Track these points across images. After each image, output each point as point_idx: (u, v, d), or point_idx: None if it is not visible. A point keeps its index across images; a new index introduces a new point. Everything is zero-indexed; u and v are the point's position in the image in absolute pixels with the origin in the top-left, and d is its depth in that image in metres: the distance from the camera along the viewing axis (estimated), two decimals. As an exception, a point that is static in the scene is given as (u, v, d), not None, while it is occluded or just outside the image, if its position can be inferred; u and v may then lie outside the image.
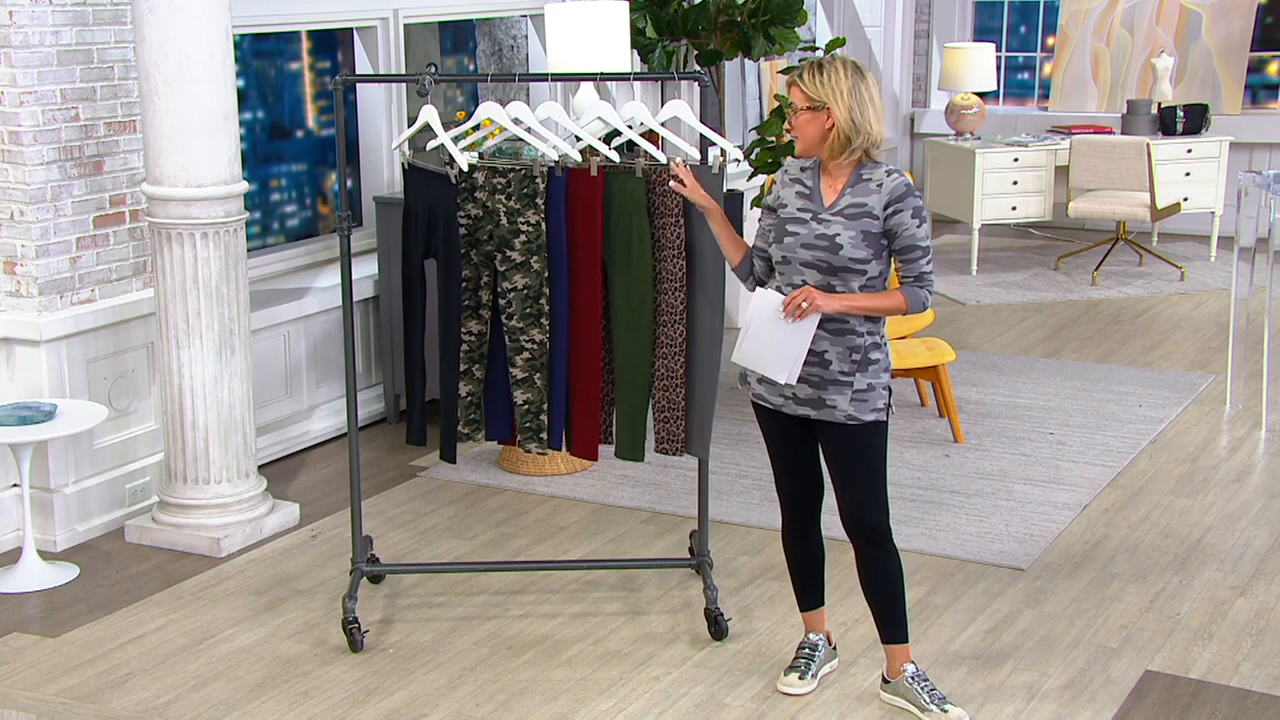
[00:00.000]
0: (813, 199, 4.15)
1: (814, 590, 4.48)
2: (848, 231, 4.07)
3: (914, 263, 4.10)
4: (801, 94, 4.09)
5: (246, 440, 5.60)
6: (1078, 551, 5.44)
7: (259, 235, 7.31)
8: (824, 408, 4.13)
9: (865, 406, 4.12)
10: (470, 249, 4.73)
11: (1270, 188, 6.79)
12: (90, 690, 4.49)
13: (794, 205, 4.17)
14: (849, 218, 4.08)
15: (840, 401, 4.11)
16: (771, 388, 4.21)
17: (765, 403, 4.25)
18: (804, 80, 4.09)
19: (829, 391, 4.12)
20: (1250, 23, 10.87)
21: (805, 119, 4.10)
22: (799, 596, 4.50)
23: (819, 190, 4.16)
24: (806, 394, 4.15)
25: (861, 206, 4.09)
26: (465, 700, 4.40)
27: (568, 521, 5.79)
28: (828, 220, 4.10)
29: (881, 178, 4.10)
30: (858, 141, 4.07)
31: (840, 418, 4.12)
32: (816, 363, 4.12)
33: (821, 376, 4.12)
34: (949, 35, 11.77)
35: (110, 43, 5.55)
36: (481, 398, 4.86)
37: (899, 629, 4.30)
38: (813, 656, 4.48)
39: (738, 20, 7.75)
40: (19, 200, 5.38)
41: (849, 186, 4.12)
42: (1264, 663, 4.59)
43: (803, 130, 4.11)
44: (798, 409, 4.17)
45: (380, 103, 7.20)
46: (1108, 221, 10.70)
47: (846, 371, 4.11)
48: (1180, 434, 6.75)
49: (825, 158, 4.14)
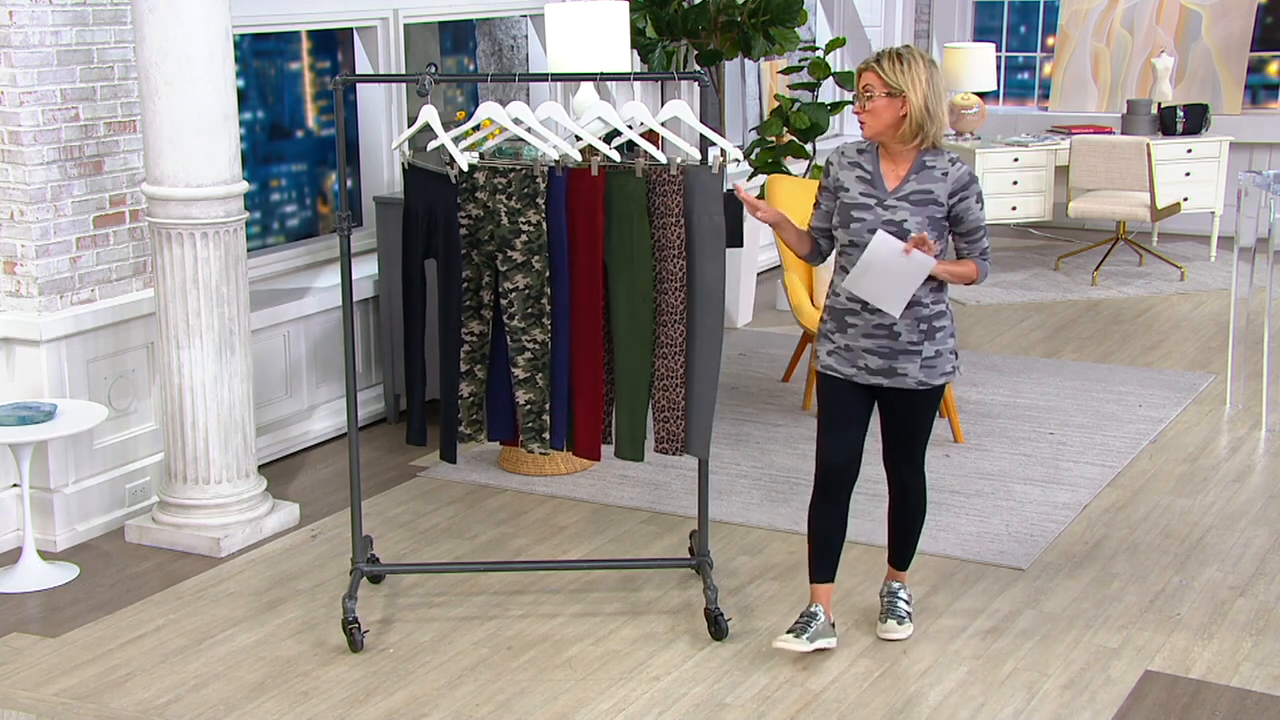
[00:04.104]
0: (874, 184, 4.38)
1: (827, 565, 4.65)
2: (915, 217, 4.33)
3: (978, 241, 4.44)
4: (881, 80, 4.31)
5: (246, 440, 5.60)
6: (1078, 551, 5.44)
7: (259, 235, 7.31)
8: (896, 376, 4.43)
9: (934, 372, 4.45)
10: (471, 249, 4.73)
11: (1270, 188, 6.79)
12: (90, 690, 4.49)
13: (856, 190, 4.40)
14: (915, 204, 4.34)
15: (911, 369, 4.42)
16: (844, 359, 4.47)
17: (835, 373, 4.50)
18: (884, 68, 4.31)
19: (899, 361, 4.41)
20: (1250, 23, 10.87)
21: (882, 105, 4.31)
22: (812, 568, 4.66)
23: (879, 175, 4.39)
24: (878, 365, 4.43)
25: (928, 194, 4.34)
26: (465, 700, 4.40)
27: (568, 521, 5.79)
28: (894, 206, 4.34)
29: (946, 166, 4.36)
30: (930, 130, 4.32)
31: (911, 384, 4.44)
32: (885, 335, 4.40)
33: (891, 347, 4.41)
34: (949, 35, 11.77)
35: (110, 43, 5.55)
36: (483, 398, 4.86)
37: (906, 558, 4.77)
38: (809, 624, 4.61)
39: (738, 20, 7.75)
40: (19, 200, 5.38)
41: (913, 173, 4.36)
42: (1264, 663, 4.59)
43: (878, 115, 4.33)
44: (870, 379, 4.46)
45: (380, 103, 7.20)
46: (1108, 221, 10.70)
47: (915, 341, 4.40)
48: (1180, 434, 6.75)
49: (894, 143, 4.35)
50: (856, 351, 4.45)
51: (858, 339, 4.43)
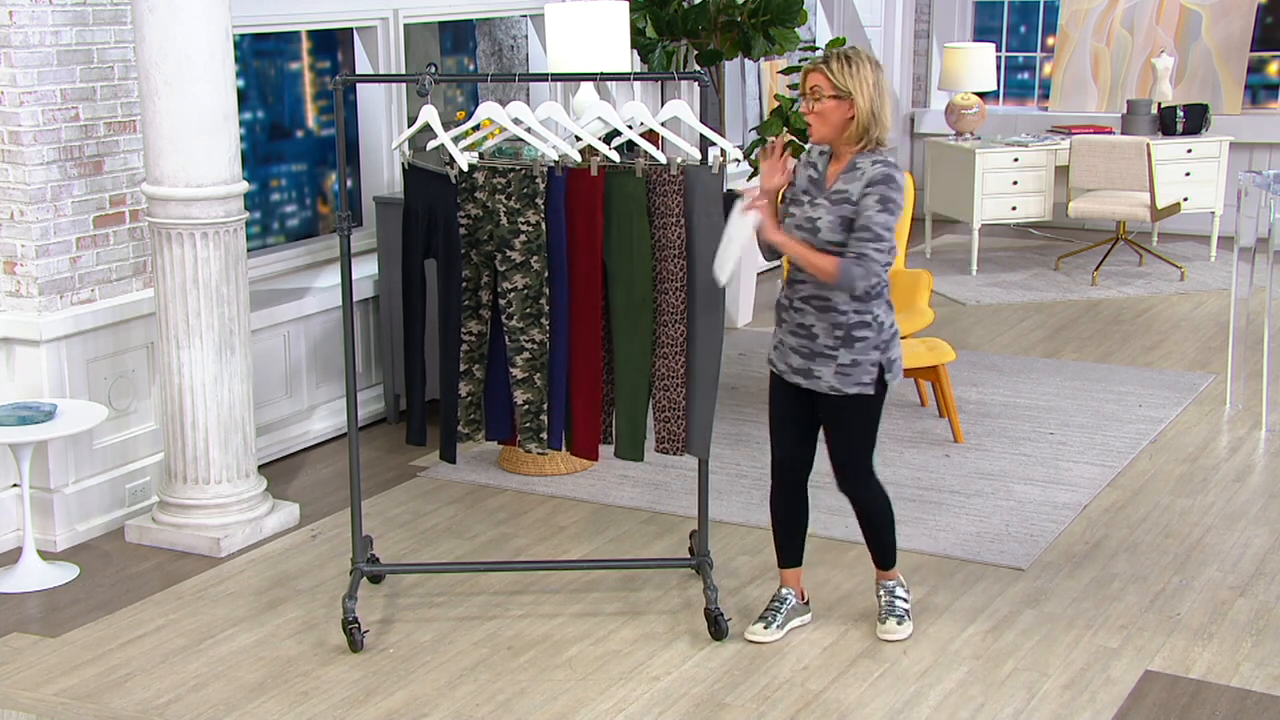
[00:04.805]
0: (819, 184, 4.39)
1: (792, 549, 4.78)
2: (829, 216, 4.32)
3: (861, 242, 4.28)
4: (829, 82, 4.29)
5: (246, 440, 5.60)
6: (1078, 551, 5.44)
7: (259, 235, 7.31)
8: (812, 378, 4.45)
9: (849, 380, 4.39)
10: (470, 249, 4.73)
11: (1270, 188, 6.79)
12: (90, 690, 4.49)
13: (800, 187, 4.43)
14: (833, 203, 4.33)
15: (825, 373, 4.42)
16: (778, 355, 4.54)
17: (772, 367, 4.59)
18: (832, 69, 4.29)
19: (816, 363, 4.42)
20: (1250, 23, 10.86)
21: (830, 106, 4.30)
22: (778, 553, 4.79)
23: (824, 175, 4.39)
24: (799, 364, 4.45)
25: (844, 193, 4.33)
26: (465, 700, 4.40)
27: (568, 521, 5.79)
28: (819, 204, 4.35)
29: (867, 165, 4.31)
30: (874, 132, 4.31)
31: (824, 388, 4.43)
32: (805, 335, 4.43)
33: (810, 348, 4.41)
34: (949, 35, 11.77)
35: (110, 43, 5.55)
36: (482, 398, 4.86)
37: (884, 558, 4.75)
38: (779, 609, 4.75)
39: (738, 20, 7.75)
40: (19, 200, 5.38)
41: (844, 173, 4.35)
42: (1264, 663, 4.59)
43: (826, 117, 4.32)
44: (793, 377, 4.48)
45: (380, 103, 7.20)
46: (1108, 221, 10.70)
47: (831, 346, 4.39)
48: (1180, 434, 6.75)
49: (840, 145, 4.35)
50: (785, 349, 4.52)
51: (786, 335, 4.51)
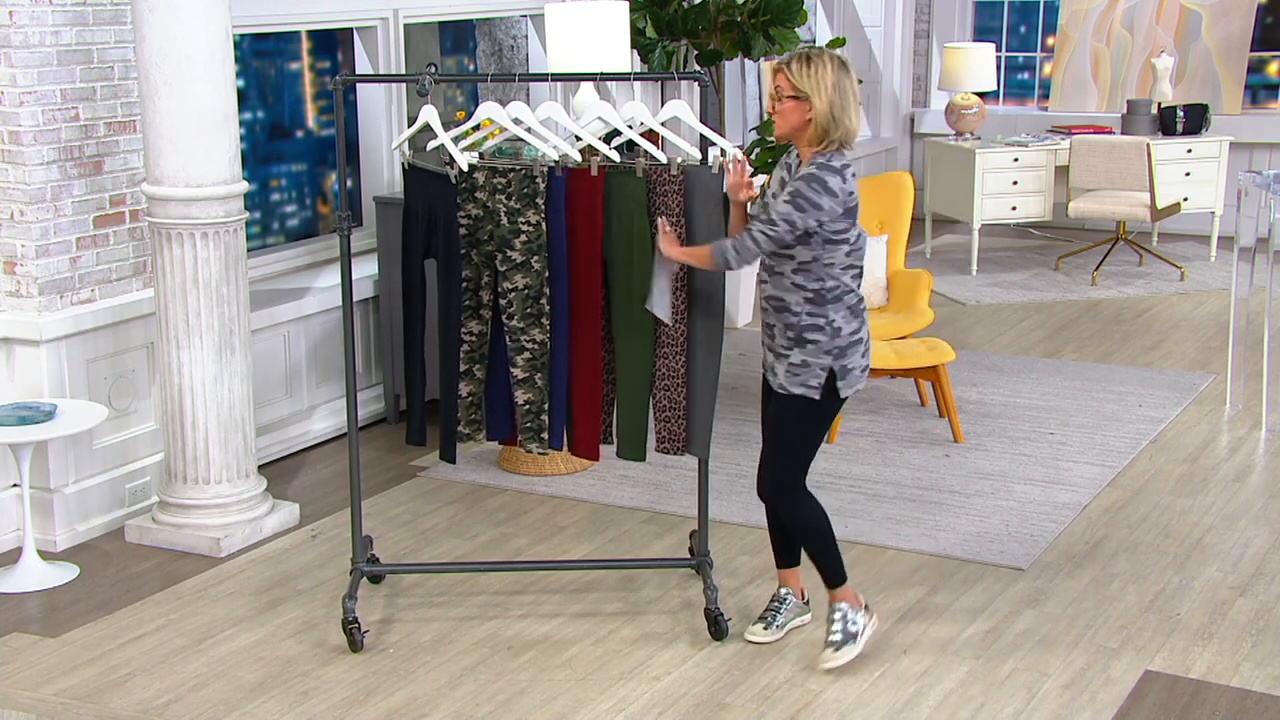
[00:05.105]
0: (786, 183, 4.36)
1: (788, 550, 4.76)
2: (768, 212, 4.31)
3: (754, 222, 4.32)
4: (789, 82, 4.27)
5: (246, 440, 5.60)
6: (1078, 551, 5.44)
7: (259, 235, 7.31)
8: (772, 374, 4.48)
9: (796, 380, 4.40)
10: (470, 249, 4.73)
11: (1270, 188, 6.79)
12: (90, 690, 4.49)
13: (771, 189, 4.41)
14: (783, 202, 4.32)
15: (780, 370, 4.44)
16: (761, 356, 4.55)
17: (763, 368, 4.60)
18: (791, 70, 4.27)
19: (776, 360, 4.46)
20: (1250, 23, 10.87)
21: (789, 107, 4.28)
22: (775, 554, 4.77)
23: (794, 174, 4.35)
24: (768, 362, 4.50)
25: None
26: (465, 700, 4.40)
27: (568, 521, 5.79)
28: (768, 204, 4.34)
29: (810, 166, 4.26)
30: (835, 134, 4.26)
31: (775, 385, 4.45)
32: (769, 334, 4.47)
33: (772, 347, 4.47)
34: (949, 35, 11.77)
35: (110, 43, 5.55)
36: (482, 398, 4.86)
37: (826, 577, 4.55)
38: (779, 609, 4.74)
39: (738, 20, 7.75)
40: (19, 200, 5.38)
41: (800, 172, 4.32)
42: (1264, 663, 4.59)
43: (786, 117, 4.30)
44: (765, 373, 4.52)
45: (380, 103, 7.20)
46: (1108, 221, 10.70)
47: (785, 346, 4.41)
48: (1180, 434, 6.75)
49: (801, 145, 4.33)
50: (762, 349, 4.56)
51: (762, 335, 4.55)
